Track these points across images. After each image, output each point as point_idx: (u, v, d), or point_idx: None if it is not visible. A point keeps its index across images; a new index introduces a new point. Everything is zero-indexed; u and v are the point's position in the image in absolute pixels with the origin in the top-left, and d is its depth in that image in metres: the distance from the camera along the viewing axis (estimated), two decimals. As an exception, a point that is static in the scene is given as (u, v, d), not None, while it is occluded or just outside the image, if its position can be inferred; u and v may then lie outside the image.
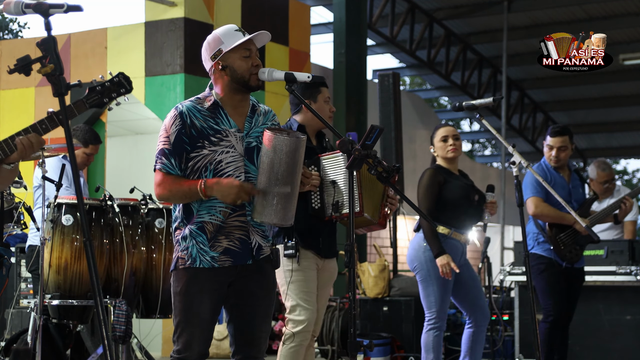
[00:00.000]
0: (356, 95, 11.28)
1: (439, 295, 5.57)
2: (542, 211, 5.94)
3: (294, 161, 3.45)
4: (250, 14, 9.36)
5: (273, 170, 3.43)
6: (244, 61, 3.57)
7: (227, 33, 3.59)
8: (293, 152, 3.44)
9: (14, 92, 9.30)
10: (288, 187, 3.45)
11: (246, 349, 3.61)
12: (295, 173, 3.48)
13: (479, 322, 5.68)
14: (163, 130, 3.56)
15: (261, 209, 3.47)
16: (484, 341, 5.76)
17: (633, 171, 32.48)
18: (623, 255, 6.93)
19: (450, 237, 5.61)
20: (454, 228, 5.62)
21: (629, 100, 18.05)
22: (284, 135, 3.45)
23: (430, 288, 5.59)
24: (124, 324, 5.54)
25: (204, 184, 3.46)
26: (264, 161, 3.45)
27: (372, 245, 11.05)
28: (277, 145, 3.42)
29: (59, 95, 2.84)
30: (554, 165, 6.05)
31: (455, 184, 5.70)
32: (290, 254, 4.52)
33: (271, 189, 3.43)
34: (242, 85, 3.58)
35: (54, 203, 5.65)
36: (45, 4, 2.86)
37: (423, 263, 5.60)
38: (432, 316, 5.60)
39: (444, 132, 5.75)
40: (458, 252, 5.65)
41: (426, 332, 5.62)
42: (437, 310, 5.58)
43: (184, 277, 3.53)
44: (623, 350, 6.95)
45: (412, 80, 26.18)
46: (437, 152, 5.78)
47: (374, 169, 3.58)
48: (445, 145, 5.73)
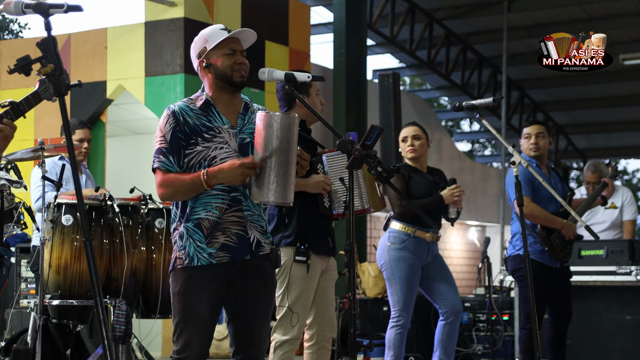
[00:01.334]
0: (356, 95, 11.27)
1: (402, 294, 5.64)
2: (532, 211, 5.82)
3: (288, 137, 3.41)
4: (250, 14, 9.37)
5: (267, 147, 3.39)
6: (226, 58, 3.58)
7: (212, 32, 3.62)
8: (286, 128, 3.40)
9: (14, 92, 9.29)
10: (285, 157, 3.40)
11: (246, 349, 3.61)
12: (290, 150, 3.43)
13: (449, 315, 5.71)
14: (158, 131, 3.57)
15: (258, 189, 3.43)
16: (456, 335, 5.79)
17: (633, 171, 32.51)
18: (623, 255, 6.92)
19: (413, 236, 5.68)
20: (417, 227, 5.68)
21: (629, 100, 18.04)
22: (277, 113, 3.44)
23: (394, 287, 5.67)
24: (124, 324, 5.54)
25: (206, 174, 3.46)
26: (258, 141, 3.43)
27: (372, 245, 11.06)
28: (270, 122, 3.39)
29: (59, 95, 2.84)
30: (534, 154, 5.95)
31: (417, 180, 5.76)
32: (302, 260, 4.50)
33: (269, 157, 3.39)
34: (225, 82, 3.59)
35: (54, 203, 5.65)
36: (45, 4, 2.86)
37: (387, 262, 5.70)
38: (395, 314, 5.67)
39: (404, 132, 5.87)
40: (424, 250, 5.71)
41: (389, 328, 5.68)
42: (400, 308, 5.65)
43: (182, 277, 3.52)
44: (623, 350, 6.95)
45: (412, 80, 26.18)
46: (402, 153, 5.92)
47: (374, 169, 3.58)
48: (405, 145, 5.85)
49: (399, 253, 5.67)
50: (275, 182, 3.40)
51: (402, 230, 5.69)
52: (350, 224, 3.65)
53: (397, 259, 5.66)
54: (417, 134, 5.81)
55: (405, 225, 5.68)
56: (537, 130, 5.98)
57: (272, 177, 3.40)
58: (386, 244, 5.73)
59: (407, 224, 5.68)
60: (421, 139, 5.82)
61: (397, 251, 5.67)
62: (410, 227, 5.68)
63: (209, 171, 3.46)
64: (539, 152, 5.98)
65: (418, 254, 5.67)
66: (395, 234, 5.71)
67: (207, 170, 3.46)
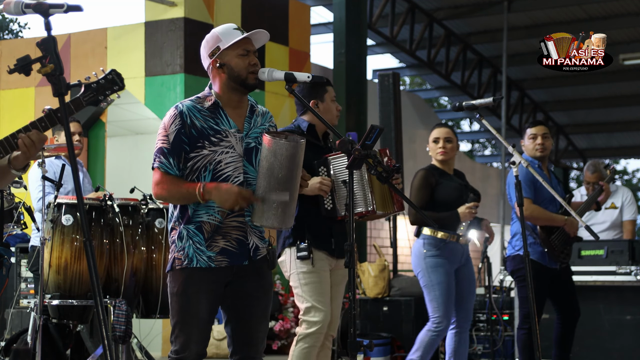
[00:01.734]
0: (356, 95, 11.27)
1: (442, 300, 5.58)
2: (532, 213, 5.80)
3: (293, 165, 3.45)
4: (250, 14, 9.37)
5: (272, 175, 3.42)
6: (241, 59, 3.57)
7: (225, 31, 3.60)
8: (292, 157, 3.43)
9: (14, 92, 9.30)
10: (287, 194, 3.44)
11: (244, 349, 3.61)
12: (295, 177, 3.48)
13: (461, 323, 5.70)
14: (162, 129, 3.56)
15: (261, 213, 3.47)
16: (467, 342, 5.78)
17: (633, 171, 32.50)
18: (623, 255, 6.92)
19: (449, 241, 5.63)
20: (450, 231, 5.63)
21: (629, 100, 18.04)
22: (283, 139, 3.44)
23: (433, 293, 5.60)
24: (124, 324, 5.54)
25: (202, 187, 3.45)
26: (263, 165, 3.45)
27: (372, 245, 11.05)
28: (276, 150, 3.41)
29: (59, 95, 2.84)
30: (540, 154, 5.94)
31: (448, 184, 5.69)
32: (304, 256, 4.50)
33: (270, 195, 3.43)
34: (239, 84, 3.58)
35: (54, 203, 5.65)
36: (45, 4, 2.85)
37: (424, 270, 5.63)
38: (436, 320, 5.59)
39: (436, 133, 5.77)
40: (458, 254, 5.68)
41: (426, 330, 5.62)
42: (441, 315, 5.58)
43: (181, 278, 3.53)
44: (623, 350, 6.95)
45: (412, 80, 26.17)
46: (430, 153, 5.82)
47: (374, 169, 3.59)
48: (436, 147, 5.76)
49: (436, 260, 5.61)
50: (279, 209, 3.44)
51: (436, 237, 5.62)
52: (350, 223, 3.65)
53: (434, 266, 5.60)
54: (449, 136, 5.75)
55: (439, 232, 5.62)
56: (543, 131, 5.97)
57: (275, 203, 3.43)
58: (421, 251, 5.65)
59: (442, 230, 5.61)
60: (453, 141, 5.77)
61: (433, 258, 5.61)
62: (444, 233, 5.62)
63: (207, 186, 3.45)
64: (545, 153, 5.98)
65: (452, 259, 5.64)
66: (431, 241, 5.64)
67: (205, 185, 3.46)
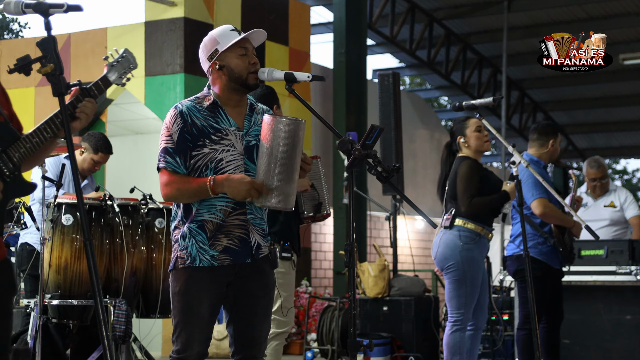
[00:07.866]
0: (356, 95, 11.28)
1: (470, 298, 5.41)
2: (550, 212, 5.73)
3: (294, 143, 3.42)
4: (250, 14, 9.37)
5: (272, 154, 3.40)
6: (240, 60, 3.57)
7: (222, 33, 3.60)
8: (292, 135, 3.41)
9: (14, 92, 9.29)
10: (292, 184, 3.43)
11: (246, 349, 3.61)
12: (295, 156, 3.45)
13: (479, 323, 5.55)
14: (164, 129, 3.56)
15: (262, 194, 3.44)
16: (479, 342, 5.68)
17: (633, 171, 32.50)
18: (623, 255, 6.92)
19: (484, 236, 5.47)
20: (485, 226, 5.47)
21: (629, 100, 18.05)
22: (284, 117, 3.44)
23: (462, 289, 5.40)
24: (124, 324, 5.54)
25: (212, 181, 3.44)
26: (264, 145, 3.43)
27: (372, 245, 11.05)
28: (276, 128, 3.40)
29: (59, 95, 2.84)
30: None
31: (492, 179, 5.54)
32: (287, 257, 4.62)
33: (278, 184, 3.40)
34: (240, 84, 3.58)
35: (54, 203, 5.65)
36: (45, 3, 2.85)
37: (459, 263, 5.39)
38: (459, 317, 5.41)
39: (477, 122, 5.46)
40: (485, 251, 5.55)
41: (452, 333, 5.43)
42: (465, 312, 5.41)
43: (183, 277, 3.53)
44: (623, 350, 6.94)
45: (412, 80, 26.17)
46: (471, 143, 5.51)
47: (374, 168, 3.58)
48: (481, 136, 5.50)
49: (472, 253, 5.41)
50: (279, 188, 3.42)
51: (473, 230, 5.41)
52: (350, 223, 3.65)
53: (470, 260, 5.39)
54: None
55: (476, 225, 5.41)
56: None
57: (275, 182, 3.41)
58: (457, 243, 5.40)
59: (477, 223, 5.41)
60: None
61: (470, 251, 5.40)
62: (480, 226, 5.43)
63: (217, 179, 3.44)
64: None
65: (482, 255, 5.48)
66: (468, 234, 5.41)
67: (215, 178, 3.44)
